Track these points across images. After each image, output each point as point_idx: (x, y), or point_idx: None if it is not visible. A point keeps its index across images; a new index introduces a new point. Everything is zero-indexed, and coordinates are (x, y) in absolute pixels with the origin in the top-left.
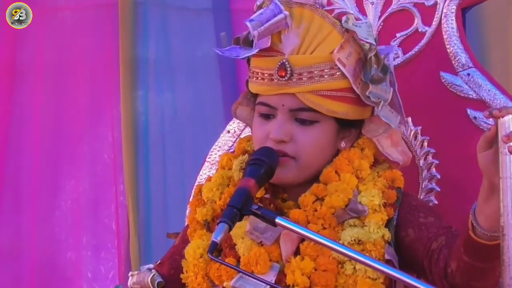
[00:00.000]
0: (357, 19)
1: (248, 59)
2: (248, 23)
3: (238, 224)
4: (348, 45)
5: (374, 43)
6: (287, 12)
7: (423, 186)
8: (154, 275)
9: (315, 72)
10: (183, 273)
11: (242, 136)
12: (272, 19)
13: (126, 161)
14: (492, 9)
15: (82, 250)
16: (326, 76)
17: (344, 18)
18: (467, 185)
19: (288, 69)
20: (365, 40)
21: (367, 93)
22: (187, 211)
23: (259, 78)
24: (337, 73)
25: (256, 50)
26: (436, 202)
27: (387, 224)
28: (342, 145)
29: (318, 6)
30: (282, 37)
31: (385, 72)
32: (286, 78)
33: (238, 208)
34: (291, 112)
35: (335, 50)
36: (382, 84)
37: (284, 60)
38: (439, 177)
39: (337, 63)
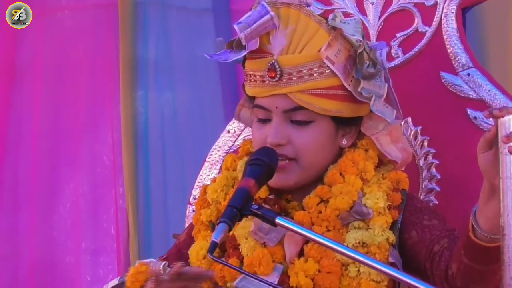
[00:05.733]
0: (347, 16)
1: (243, 63)
2: (235, 26)
3: (242, 224)
4: (337, 42)
5: (361, 39)
6: (273, 13)
7: (423, 186)
8: (165, 264)
9: (304, 71)
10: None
11: (242, 136)
12: (259, 20)
13: (126, 161)
14: (492, 9)
15: (81, 254)
16: (315, 75)
17: (331, 16)
18: (467, 185)
19: (278, 69)
20: (351, 36)
21: (359, 89)
22: (187, 211)
23: (252, 80)
24: (327, 71)
25: (244, 53)
26: (436, 202)
27: (392, 227)
28: (343, 142)
29: (303, 5)
30: (270, 38)
31: (375, 66)
32: (276, 78)
33: (238, 208)
34: (285, 113)
35: (323, 48)
36: (375, 80)
37: (273, 61)
38: (439, 177)
39: (325, 61)
